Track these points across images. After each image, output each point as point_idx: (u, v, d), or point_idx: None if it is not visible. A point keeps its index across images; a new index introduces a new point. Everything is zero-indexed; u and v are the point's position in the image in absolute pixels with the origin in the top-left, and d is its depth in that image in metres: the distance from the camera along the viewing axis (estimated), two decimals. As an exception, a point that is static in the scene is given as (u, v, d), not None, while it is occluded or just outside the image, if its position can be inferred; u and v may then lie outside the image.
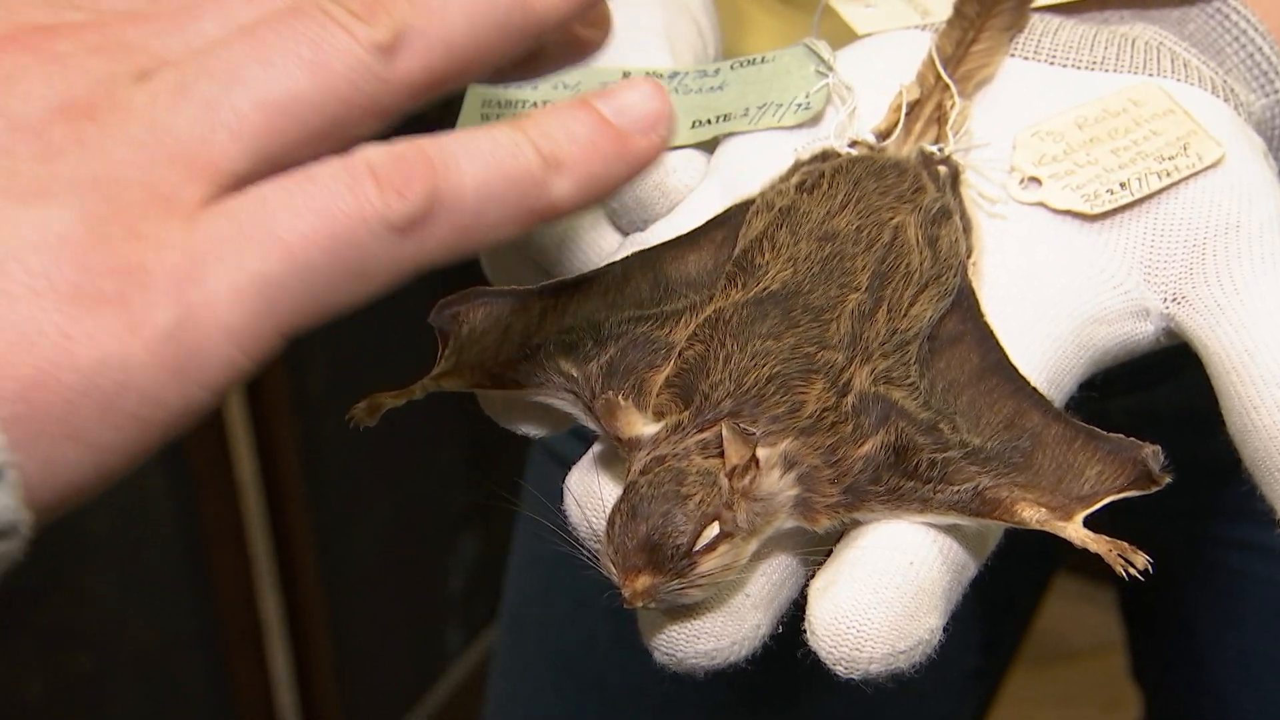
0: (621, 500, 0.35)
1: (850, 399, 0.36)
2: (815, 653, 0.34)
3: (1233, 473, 0.71)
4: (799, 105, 0.42)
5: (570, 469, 0.76)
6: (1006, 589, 0.76)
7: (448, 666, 1.58)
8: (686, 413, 0.36)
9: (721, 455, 0.35)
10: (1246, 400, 0.37)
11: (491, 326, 0.39)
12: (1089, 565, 0.36)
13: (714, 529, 0.34)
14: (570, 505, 0.37)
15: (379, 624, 1.50)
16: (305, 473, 1.35)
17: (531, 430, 0.41)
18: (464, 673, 1.58)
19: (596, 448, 0.39)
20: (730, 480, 0.34)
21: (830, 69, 0.43)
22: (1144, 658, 0.81)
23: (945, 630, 0.35)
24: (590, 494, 0.37)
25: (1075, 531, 0.35)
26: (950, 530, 0.35)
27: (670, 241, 0.40)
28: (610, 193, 0.32)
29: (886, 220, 0.40)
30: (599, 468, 0.38)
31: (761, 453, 0.35)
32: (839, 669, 0.33)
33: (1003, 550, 0.74)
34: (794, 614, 0.36)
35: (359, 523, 1.46)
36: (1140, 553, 0.35)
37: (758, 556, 0.36)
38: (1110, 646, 1.05)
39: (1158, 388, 0.66)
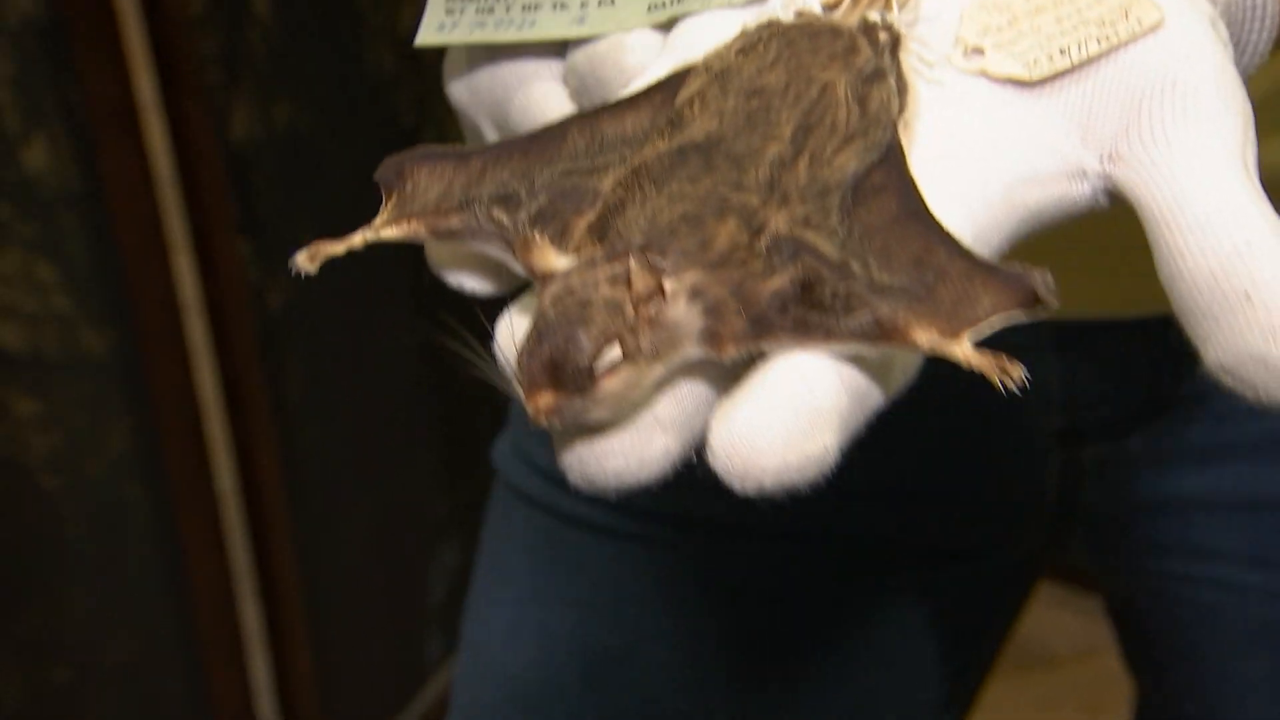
0: (531, 328, 0.36)
1: (764, 240, 0.37)
2: (714, 470, 0.35)
3: (1201, 511, 0.72)
4: None
5: (530, 503, 0.76)
6: (974, 622, 0.77)
7: (428, 676, 1.58)
8: (600, 249, 0.38)
9: (630, 287, 0.36)
10: (1174, 247, 0.38)
11: (434, 183, 0.41)
12: (1071, 573, 0.36)
13: (617, 352, 0.35)
14: (496, 351, 0.39)
15: (359, 634, 1.51)
16: (285, 481, 1.36)
17: (472, 284, 0.42)
18: (445, 683, 1.58)
19: (519, 301, 0.40)
20: (635, 309, 0.36)
21: None
22: (1133, 657, 0.81)
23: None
24: (509, 336, 0.39)
25: (961, 350, 0.36)
26: (853, 360, 0.37)
27: (609, 103, 0.42)
28: None
29: (815, 76, 0.41)
30: (521, 315, 0.40)
31: (668, 282, 0.36)
32: (734, 483, 0.35)
33: (972, 581, 0.74)
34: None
35: (339, 532, 1.46)
36: (1018, 364, 0.36)
37: (669, 385, 0.37)
38: (1091, 652, 1.05)
39: (1129, 436, 0.67)
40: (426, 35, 0.46)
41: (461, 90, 0.48)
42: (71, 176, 1.20)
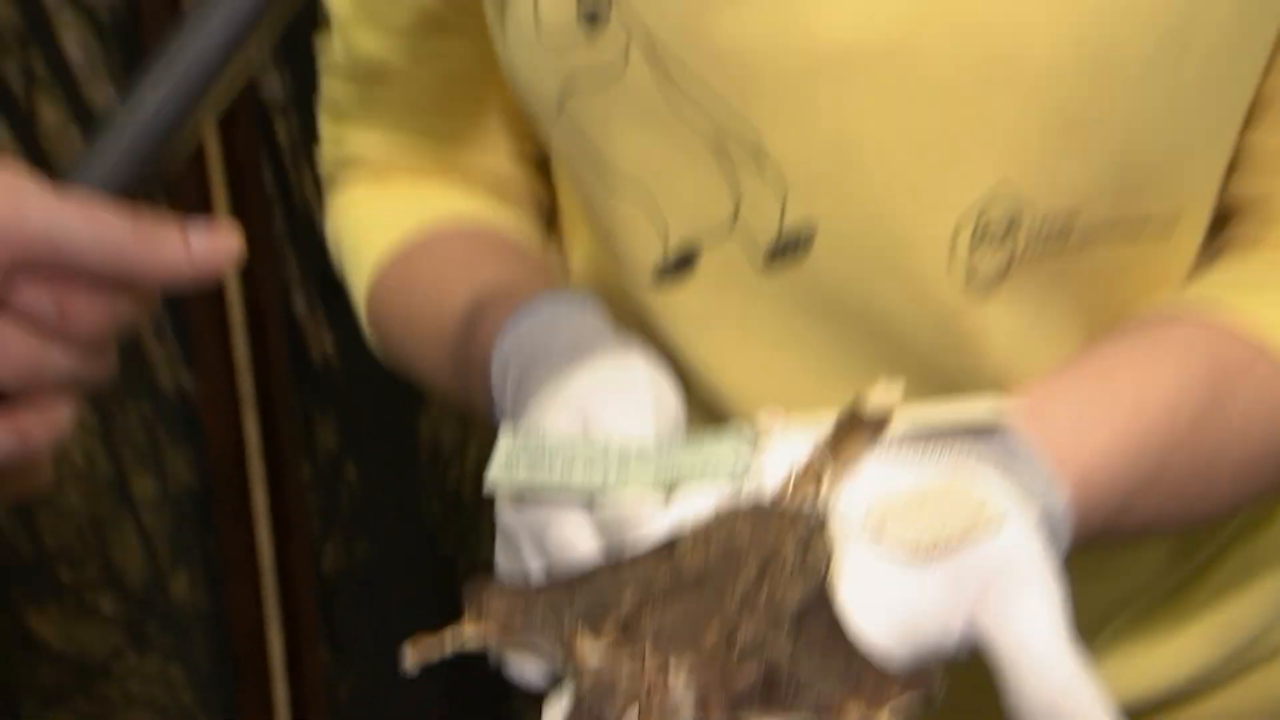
0: (571, 699, 0.43)
1: (738, 643, 0.44)
2: None
3: None
4: (730, 472, 0.52)
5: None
6: None
7: None
8: (623, 639, 0.45)
9: (643, 666, 0.43)
10: (1016, 685, 0.44)
11: (504, 601, 0.49)
12: None
13: (634, 714, 0.42)
14: None
15: None
16: None
17: (529, 671, 0.49)
18: None
19: (563, 688, 0.47)
20: (648, 683, 0.43)
21: (753, 448, 0.53)
22: None
23: None
24: (557, 712, 0.45)
25: (882, 715, 0.43)
26: None
27: (625, 556, 0.50)
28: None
29: (769, 537, 0.48)
30: (565, 697, 0.46)
31: (671, 664, 0.43)
32: None
33: None
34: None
35: None
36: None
37: None
38: None
39: None
40: (493, 476, 0.54)
41: (510, 514, 0.54)
42: (203, 602, 1.33)
